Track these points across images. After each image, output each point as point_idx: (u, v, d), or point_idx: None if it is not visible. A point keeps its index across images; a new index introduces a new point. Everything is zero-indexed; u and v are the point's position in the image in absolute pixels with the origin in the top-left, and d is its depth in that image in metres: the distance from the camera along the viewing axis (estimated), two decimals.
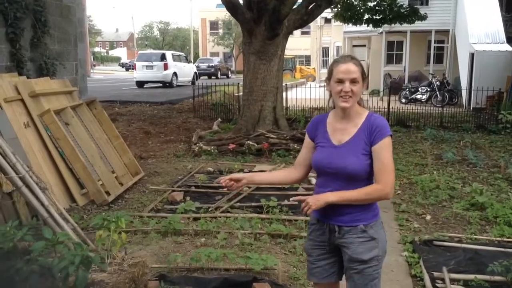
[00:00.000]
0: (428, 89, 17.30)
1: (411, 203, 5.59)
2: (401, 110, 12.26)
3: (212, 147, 8.19)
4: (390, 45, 23.10)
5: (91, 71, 47.82)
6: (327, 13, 21.91)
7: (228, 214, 4.96)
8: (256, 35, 9.13)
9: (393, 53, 23.49)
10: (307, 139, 2.33)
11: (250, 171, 6.85)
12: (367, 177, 2.13)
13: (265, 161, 7.76)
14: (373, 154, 2.10)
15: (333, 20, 27.57)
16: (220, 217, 4.92)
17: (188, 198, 5.63)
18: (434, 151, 8.58)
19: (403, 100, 17.06)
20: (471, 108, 14.43)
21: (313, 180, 6.20)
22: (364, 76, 2.15)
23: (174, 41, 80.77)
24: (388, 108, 12.01)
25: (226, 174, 6.66)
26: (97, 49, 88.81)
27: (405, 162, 7.64)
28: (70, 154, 5.37)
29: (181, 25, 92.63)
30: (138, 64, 21.30)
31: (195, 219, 4.90)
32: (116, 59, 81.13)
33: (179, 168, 7.11)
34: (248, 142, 8.19)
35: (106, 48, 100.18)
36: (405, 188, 6.20)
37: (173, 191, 5.87)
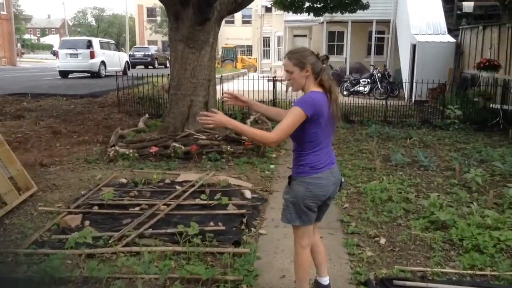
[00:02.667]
0: (370, 81, 16.83)
1: (361, 220, 4.69)
2: (343, 103, 11.47)
3: (132, 151, 6.96)
4: (331, 35, 22.58)
5: (18, 59, 44.42)
6: (267, 1, 21.04)
7: (133, 249, 3.81)
8: (184, 19, 7.93)
9: (334, 43, 22.99)
10: None
11: (172, 181, 5.73)
12: (302, 141, 2.71)
13: (193, 166, 6.64)
14: None
15: (273, 9, 26.71)
16: (122, 253, 3.77)
17: (87, 222, 4.43)
18: (381, 151, 7.81)
19: (345, 93, 16.50)
20: (413, 101, 14.02)
21: (246, 193, 5.19)
22: (301, 65, 2.67)
23: (110, 28, 77.33)
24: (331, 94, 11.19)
25: (142, 186, 5.53)
26: (27, 36, 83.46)
27: (351, 165, 6.79)
28: None
29: (117, 12, 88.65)
30: (61, 52, 19.33)
31: (90, 256, 3.73)
32: (48, 47, 76.36)
33: (85, 179, 5.84)
34: (174, 144, 7.03)
35: (38, 35, 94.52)
36: (353, 200, 5.31)
37: (69, 213, 4.63)
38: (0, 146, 5.14)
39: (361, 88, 16.80)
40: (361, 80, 17.00)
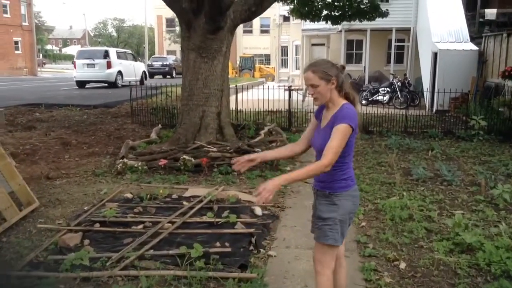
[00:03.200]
0: (389, 90, 16.40)
1: (379, 241, 4.35)
2: (362, 113, 11.11)
3: (140, 163, 6.74)
4: (349, 43, 22.20)
5: (39, 69, 45.13)
6: (285, 10, 20.83)
7: (131, 273, 3.54)
8: (196, 28, 7.72)
9: (353, 52, 22.60)
10: (313, 119, 2.80)
11: (179, 196, 5.46)
12: (344, 154, 2.56)
13: (203, 179, 6.37)
14: None
15: (291, 18, 26.48)
16: (120, 277, 3.51)
17: (86, 241, 4.18)
18: (401, 164, 7.43)
19: (364, 102, 16.08)
20: (434, 110, 13.56)
21: (257, 210, 4.89)
22: (327, 77, 2.55)
23: (130, 38, 78.14)
24: None
25: (147, 201, 5.28)
26: (49, 47, 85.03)
27: (369, 179, 6.43)
28: None
29: (137, 22, 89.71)
30: (78, 62, 19.39)
31: (85, 279, 3.47)
32: (70, 57, 77.55)
33: (90, 194, 5.63)
34: (184, 156, 6.78)
35: (59, 45, 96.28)
36: (371, 218, 4.96)
37: (69, 231, 4.40)
38: (1, 160, 4.96)
39: (380, 97, 16.37)
40: (380, 89, 16.58)
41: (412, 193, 5.78)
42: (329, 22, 13.72)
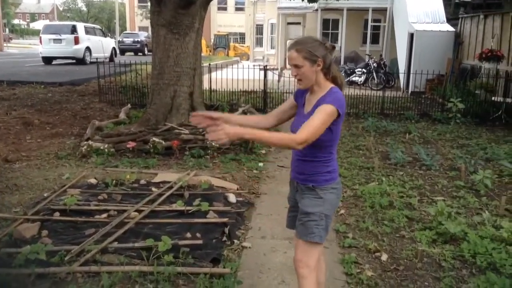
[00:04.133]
0: (365, 71, 16.23)
1: (359, 230, 4.14)
2: None
3: (107, 145, 6.35)
4: (325, 23, 21.88)
5: (5, 44, 43.29)
6: None
7: (92, 269, 3.22)
8: (166, 2, 7.27)
9: (329, 32, 22.29)
10: (291, 98, 2.54)
11: (147, 182, 5.13)
12: (323, 145, 2.30)
13: (174, 163, 6.04)
14: None
15: None
16: (79, 273, 3.19)
17: (45, 232, 3.83)
18: (379, 148, 7.26)
19: None
20: (410, 92, 13.47)
21: (230, 197, 4.61)
22: (312, 58, 2.26)
23: (100, 13, 75.75)
24: None
25: (113, 187, 4.93)
26: (16, 21, 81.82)
27: (347, 164, 6.23)
28: None
29: None
30: (44, 37, 18.44)
31: (41, 276, 3.14)
32: (37, 32, 74.71)
33: (51, 179, 5.23)
34: (154, 139, 6.42)
35: (27, 20, 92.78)
36: (350, 205, 4.75)
37: (26, 220, 4.03)
38: None
39: (356, 78, 16.20)
40: (356, 70, 16.41)
41: (391, 178, 5.59)
42: (305, 0, 13.39)
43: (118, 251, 3.51)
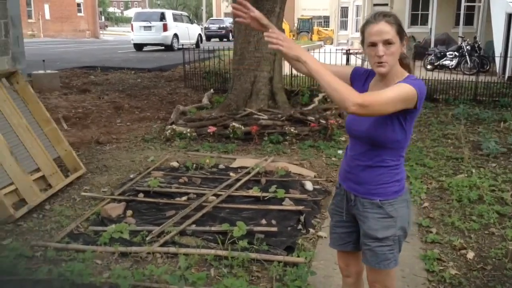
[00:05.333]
0: (457, 54, 15.20)
1: (443, 225, 3.90)
2: (426, 79, 10.27)
3: (189, 130, 6.53)
4: (414, 3, 20.81)
5: (101, 32, 46.21)
6: None
7: (170, 250, 3.33)
8: None
9: (418, 13, 21.18)
10: (348, 71, 2.07)
11: (226, 167, 5.21)
12: (393, 147, 1.91)
13: (252, 149, 6.08)
14: None
15: None
16: (158, 253, 3.31)
17: (129, 212, 4.03)
18: (470, 137, 6.78)
19: (429, 67, 15.05)
20: (507, 77, 12.42)
21: (307, 185, 4.55)
22: (403, 34, 1.87)
23: (188, 1, 77.99)
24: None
25: (193, 171, 5.07)
26: (111, 9, 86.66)
27: (433, 153, 5.89)
28: None
29: None
30: (135, 25, 19.43)
31: (123, 255, 3.31)
32: (130, 20, 78.91)
33: (137, 161, 5.49)
34: (234, 124, 6.50)
35: (121, 8, 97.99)
36: (435, 198, 4.49)
37: (113, 200, 4.27)
38: (47, 125, 4.88)
39: (447, 62, 15.24)
40: (447, 53, 15.42)
41: (482, 171, 5.20)
42: None
43: (196, 233, 3.61)
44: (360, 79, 2.04)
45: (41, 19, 37.79)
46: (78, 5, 42.71)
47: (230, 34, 31.24)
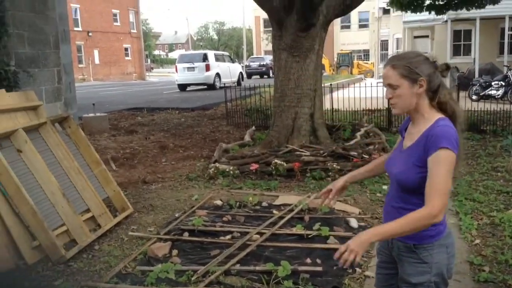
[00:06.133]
0: (503, 84, 14.82)
1: (497, 263, 3.73)
2: (472, 110, 10.02)
3: (232, 167, 6.62)
4: (456, 34, 20.57)
5: (147, 74, 48.12)
6: (384, 2, 19.79)
7: None
8: (287, 26, 7.45)
9: (460, 43, 20.92)
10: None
11: (269, 204, 5.23)
12: (422, 191, 1.80)
13: (295, 185, 6.08)
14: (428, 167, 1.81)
15: (392, 10, 25.21)
16: None
17: (175, 252, 4.09)
18: None
19: (474, 97, 14.73)
20: None
21: (352, 222, 4.49)
22: (413, 75, 1.84)
23: (229, 40, 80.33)
24: None
25: (237, 209, 5.10)
26: (156, 52, 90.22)
27: (483, 187, 5.69)
28: (14, 194, 3.98)
29: (236, 25, 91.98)
30: (179, 66, 20.17)
31: None
32: (174, 61, 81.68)
33: (182, 200, 5.59)
34: (276, 160, 6.54)
35: (166, 50, 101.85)
36: (486, 234, 4.31)
37: (159, 239, 4.35)
38: (97, 167, 5.09)
39: (493, 92, 14.86)
40: (492, 83, 15.05)
41: None
42: (432, 12, 12.76)
43: (240, 273, 3.61)
44: (404, 127, 2.07)
45: (91, 64, 39.83)
46: (126, 49, 44.82)
47: (270, 71, 31.76)
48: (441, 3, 12.10)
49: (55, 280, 3.64)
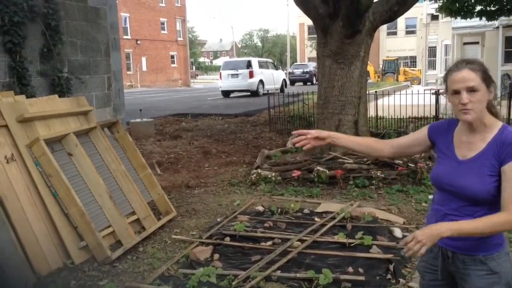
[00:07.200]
0: None
1: None
2: None
3: (274, 174, 6.63)
4: (508, 41, 19.80)
5: (192, 81, 49.07)
6: (433, 8, 19.32)
7: None
8: (332, 33, 7.40)
9: None
10: (423, 132, 2.03)
11: (310, 211, 5.19)
12: (492, 201, 1.78)
13: (337, 193, 6.01)
14: (502, 175, 1.76)
15: (440, 16, 24.58)
16: None
17: (216, 256, 4.13)
18: None
19: None
20: None
21: (396, 232, 4.39)
22: (489, 80, 1.81)
23: (273, 48, 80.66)
24: (509, 116, 9.59)
25: (278, 216, 5.10)
26: (201, 59, 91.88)
27: None
28: (64, 195, 4.15)
29: (280, 32, 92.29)
30: (224, 73, 20.45)
31: None
32: (219, 68, 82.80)
33: (224, 205, 5.65)
34: (318, 168, 6.50)
35: (211, 58, 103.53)
36: None
37: (201, 243, 4.41)
38: (143, 170, 5.22)
39: None
40: None
41: None
42: (483, 18, 12.37)
43: (281, 280, 3.60)
44: (441, 132, 1.99)
45: (138, 71, 41.05)
46: (172, 57, 45.90)
47: (314, 78, 31.66)
48: (492, 9, 11.74)
49: (100, 280, 3.75)
